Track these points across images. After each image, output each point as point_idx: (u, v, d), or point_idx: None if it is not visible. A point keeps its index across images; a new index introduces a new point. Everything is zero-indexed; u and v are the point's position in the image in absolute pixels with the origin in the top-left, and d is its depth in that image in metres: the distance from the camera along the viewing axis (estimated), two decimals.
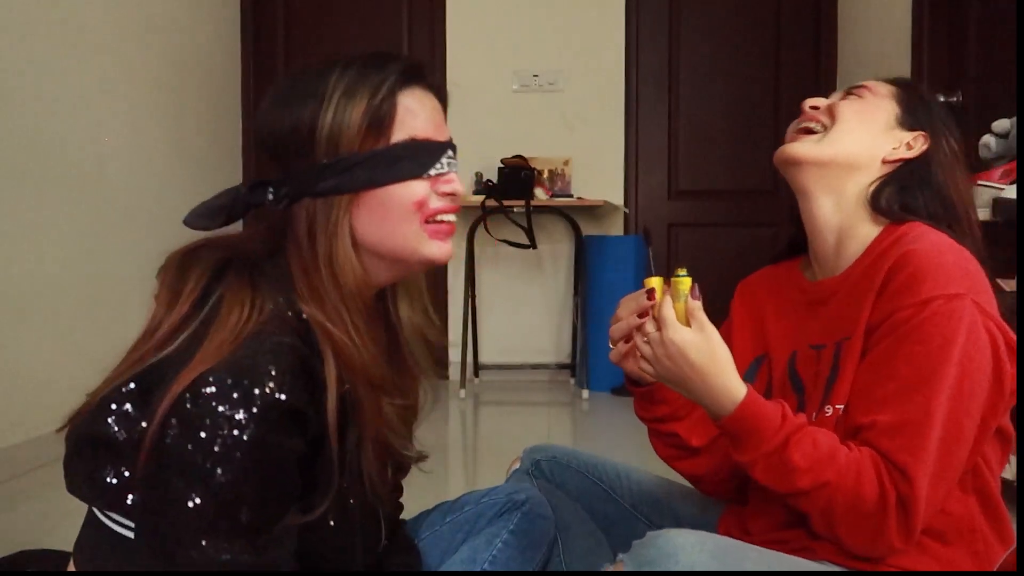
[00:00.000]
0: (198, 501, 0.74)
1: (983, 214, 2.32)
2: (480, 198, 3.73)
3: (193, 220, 0.89)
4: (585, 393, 3.73)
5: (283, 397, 0.75)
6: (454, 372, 4.13)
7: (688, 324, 0.91)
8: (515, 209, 3.69)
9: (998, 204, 2.26)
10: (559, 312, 4.20)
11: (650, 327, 0.93)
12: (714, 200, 4.18)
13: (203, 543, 0.74)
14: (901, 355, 0.88)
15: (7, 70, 2.48)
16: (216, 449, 0.73)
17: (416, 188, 0.86)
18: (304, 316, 0.83)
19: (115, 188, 2.99)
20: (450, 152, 0.89)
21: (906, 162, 1.01)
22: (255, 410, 0.74)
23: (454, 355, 4.15)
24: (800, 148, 1.02)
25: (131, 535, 0.82)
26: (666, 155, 4.17)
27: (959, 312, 0.87)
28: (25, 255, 2.54)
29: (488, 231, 3.80)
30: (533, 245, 3.67)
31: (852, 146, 1.01)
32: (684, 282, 0.92)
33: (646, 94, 4.15)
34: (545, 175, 3.92)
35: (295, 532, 0.81)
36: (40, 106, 2.62)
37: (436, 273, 4.23)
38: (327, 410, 0.80)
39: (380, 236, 0.86)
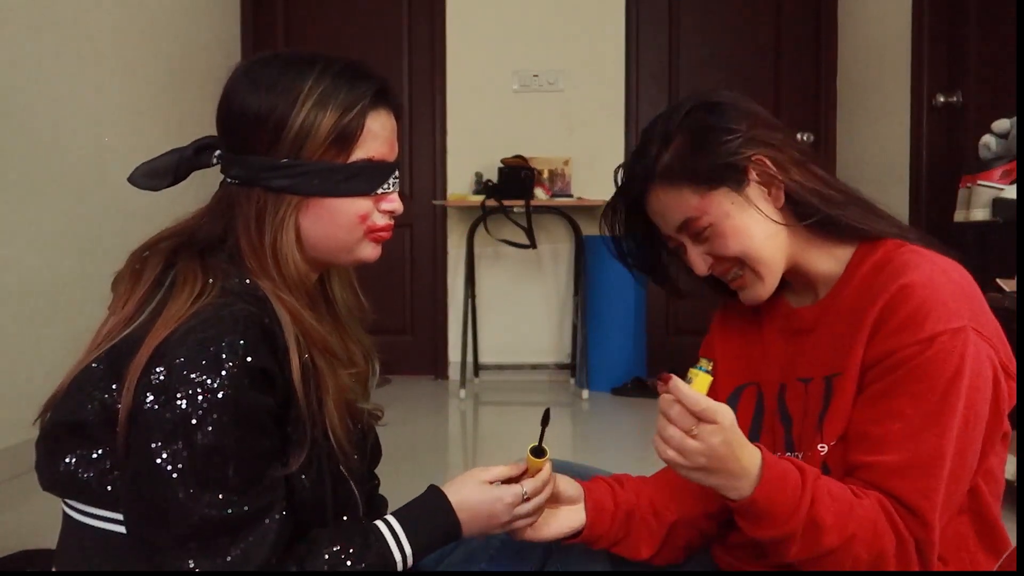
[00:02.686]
0: (184, 464, 0.78)
1: (983, 214, 2.32)
2: (480, 198, 3.73)
3: (138, 179, 0.96)
4: (585, 393, 3.73)
5: (249, 359, 0.80)
6: (454, 372, 4.14)
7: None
8: (515, 209, 3.69)
9: (998, 204, 2.26)
10: (559, 312, 4.20)
11: (686, 422, 0.83)
12: None
13: (197, 497, 0.78)
14: (906, 394, 0.87)
15: (8, 70, 2.48)
16: (194, 413, 0.77)
17: (361, 204, 0.92)
18: (258, 288, 0.88)
19: (115, 188, 2.99)
20: (396, 173, 0.95)
21: (787, 191, 0.97)
22: (225, 372, 0.78)
23: (454, 355, 4.16)
24: (756, 293, 1.00)
25: (109, 526, 0.84)
26: None
27: (963, 346, 0.85)
28: (25, 255, 2.55)
29: (488, 231, 3.80)
30: (533, 245, 3.67)
31: (772, 254, 0.97)
32: (706, 379, 0.87)
33: (646, 94, 4.15)
34: (545, 175, 3.92)
35: (282, 483, 0.85)
36: (40, 106, 2.63)
37: (436, 272, 4.23)
38: (291, 371, 0.85)
39: (322, 238, 0.92)
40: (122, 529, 0.84)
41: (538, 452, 0.98)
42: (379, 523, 0.90)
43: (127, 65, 3.13)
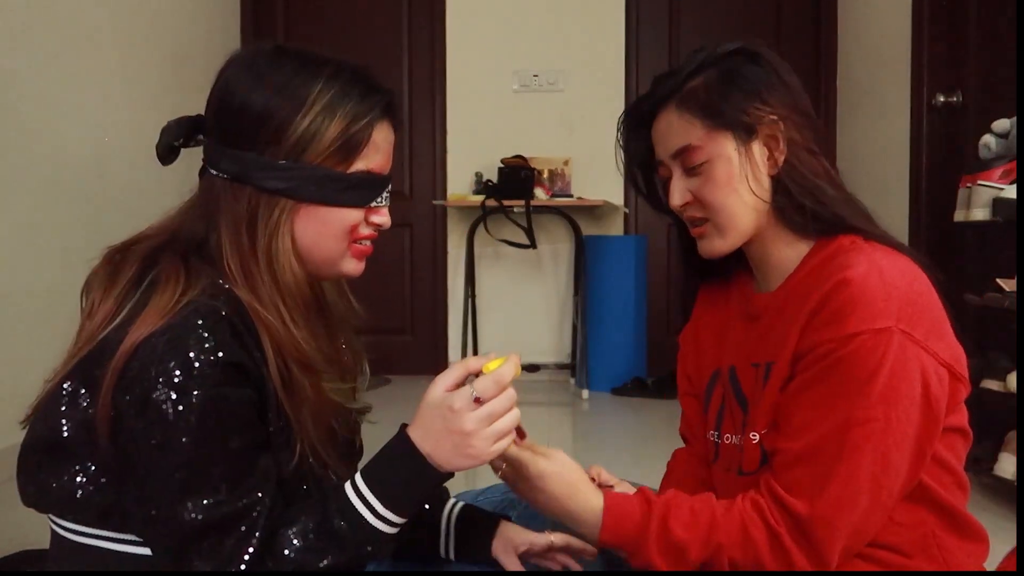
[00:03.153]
0: (168, 472, 0.77)
1: (983, 214, 2.32)
2: (480, 198, 3.73)
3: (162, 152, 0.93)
4: (585, 393, 3.73)
5: (221, 354, 0.78)
6: None
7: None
8: (515, 209, 3.69)
9: (998, 204, 2.26)
10: (559, 312, 4.20)
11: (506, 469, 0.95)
12: None
13: (184, 504, 0.77)
14: (822, 388, 0.88)
15: (7, 70, 2.48)
16: (170, 419, 0.76)
17: (353, 215, 0.90)
18: (235, 293, 0.85)
19: (115, 188, 2.99)
20: (389, 186, 0.94)
21: (781, 167, 0.97)
22: (196, 372, 0.76)
23: (454, 355, 4.16)
24: (713, 246, 1.01)
25: (93, 542, 0.84)
26: None
27: (885, 347, 0.85)
28: (25, 255, 2.55)
29: (488, 231, 3.80)
30: (533, 245, 3.67)
31: (744, 217, 0.98)
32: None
33: None
34: (545, 175, 3.92)
35: (272, 474, 0.84)
36: (40, 106, 2.63)
37: (436, 272, 4.23)
38: (268, 374, 0.83)
39: (308, 245, 0.90)
40: (108, 545, 0.84)
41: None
42: (348, 487, 0.85)
43: (127, 65, 3.13)
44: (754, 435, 0.96)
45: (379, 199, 0.92)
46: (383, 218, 0.93)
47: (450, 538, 1.07)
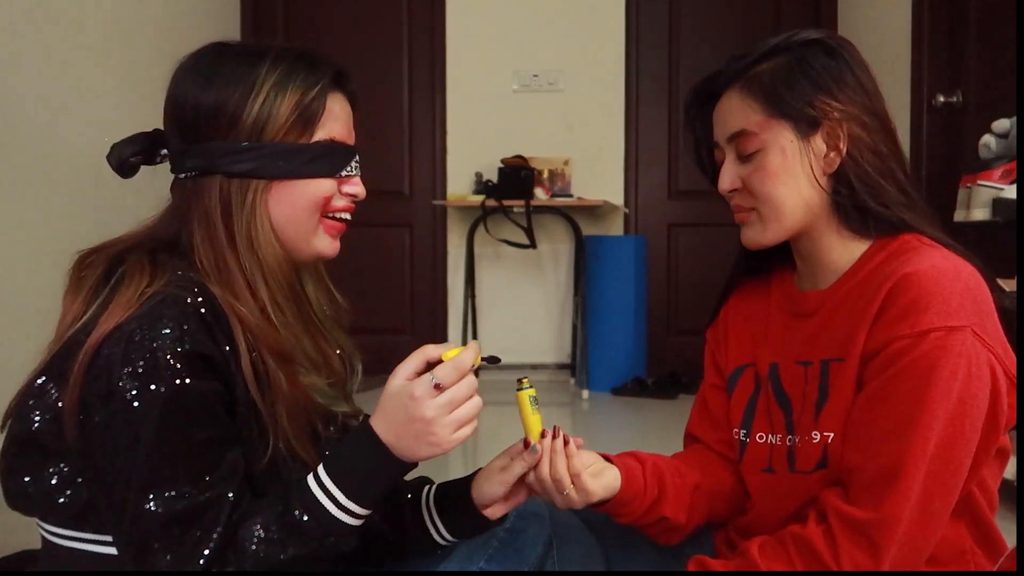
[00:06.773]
0: (131, 464, 0.77)
1: (983, 214, 2.32)
2: (480, 198, 3.73)
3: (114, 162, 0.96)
4: (585, 393, 3.73)
5: (187, 346, 0.78)
6: None
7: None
8: (515, 209, 3.69)
9: (998, 204, 2.26)
10: (559, 312, 4.20)
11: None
12: (714, 200, 4.15)
13: (150, 498, 0.77)
14: (896, 393, 0.85)
15: (7, 70, 2.48)
16: (134, 411, 0.76)
17: (325, 185, 0.91)
18: (207, 286, 0.85)
19: (115, 188, 2.99)
20: (357, 156, 0.95)
21: (842, 164, 0.94)
22: (160, 364, 0.76)
23: None
24: (756, 236, 0.99)
25: (75, 545, 0.84)
26: (666, 155, 4.17)
27: (957, 346, 0.83)
28: (24, 255, 2.55)
29: (488, 231, 3.80)
30: (533, 245, 3.67)
31: (791, 211, 0.96)
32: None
33: (646, 94, 4.15)
34: (545, 175, 3.92)
35: (240, 469, 0.83)
36: (40, 106, 2.63)
37: (436, 273, 4.23)
38: (239, 368, 0.83)
39: (282, 223, 0.90)
40: (87, 547, 0.84)
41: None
42: (310, 479, 0.84)
43: (126, 65, 3.13)
44: (816, 434, 0.93)
45: (349, 168, 0.93)
46: (356, 188, 0.94)
47: (436, 521, 1.04)
